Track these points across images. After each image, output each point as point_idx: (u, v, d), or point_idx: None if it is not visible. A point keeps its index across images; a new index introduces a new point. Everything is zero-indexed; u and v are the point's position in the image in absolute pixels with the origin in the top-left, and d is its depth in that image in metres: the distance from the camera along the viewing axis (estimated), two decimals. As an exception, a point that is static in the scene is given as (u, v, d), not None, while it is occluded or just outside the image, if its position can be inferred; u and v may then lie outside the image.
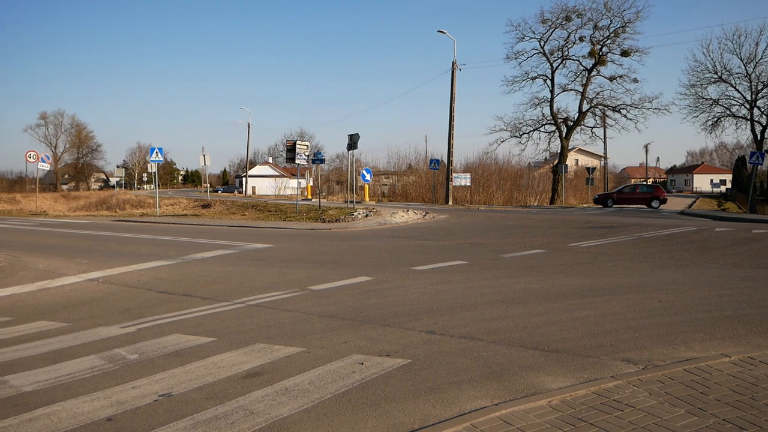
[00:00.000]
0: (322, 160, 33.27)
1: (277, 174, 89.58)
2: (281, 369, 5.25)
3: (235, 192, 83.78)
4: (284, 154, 30.68)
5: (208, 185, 58.39)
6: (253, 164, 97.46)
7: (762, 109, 47.39)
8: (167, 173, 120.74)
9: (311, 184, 52.10)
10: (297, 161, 26.08)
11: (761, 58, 46.37)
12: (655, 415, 4.03)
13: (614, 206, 34.86)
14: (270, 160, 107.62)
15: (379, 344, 5.98)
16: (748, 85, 46.96)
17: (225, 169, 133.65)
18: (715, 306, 7.62)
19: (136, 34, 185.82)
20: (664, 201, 35.91)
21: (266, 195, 66.98)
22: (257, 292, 8.77)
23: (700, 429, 3.80)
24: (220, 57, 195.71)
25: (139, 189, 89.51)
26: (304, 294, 8.60)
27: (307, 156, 27.41)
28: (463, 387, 4.76)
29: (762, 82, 46.41)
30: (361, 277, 9.87)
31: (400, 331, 6.50)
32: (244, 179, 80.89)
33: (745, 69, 46.90)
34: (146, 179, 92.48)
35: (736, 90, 47.81)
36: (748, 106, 47.63)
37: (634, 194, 36.43)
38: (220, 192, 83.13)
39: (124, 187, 79.35)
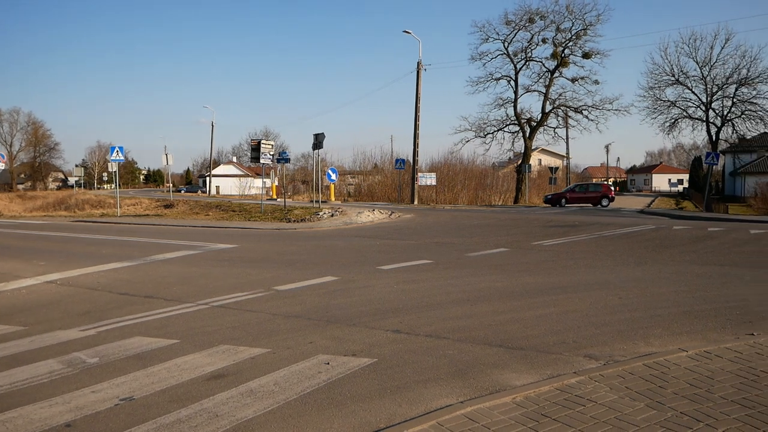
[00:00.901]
0: (288, 160, 33.06)
1: (242, 173, 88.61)
2: (246, 370, 5.20)
3: (199, 192, 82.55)
4: (249, 154, 30.32)
5: (171, 185, 57.40)
6: (217, 164, 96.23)
7: (717, 111, 48.87)
8: (128, 173, 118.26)
9: (276, 183, 51.73)
10: (262, 161, 25.84)
11: (716, 62, 47.85)
12: (615, 410, 4.11)
13: (567, 205, 35.66)
14: (234, 159, 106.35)
15: (345, 344, 5.97)
16: (704, 87, 48.40)
17: (188, 169, 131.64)
18: (672, 302, 7.83)
19: (95, 31, 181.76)
20: (612, 199, 37.81)
21: (231, 195, 66.18)
22: (222, 293, 8.66)
23: (658, 422, 3.90)
24: (184, 54, 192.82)
25: (99, 189, 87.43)
26: (270, 294, 8.53)
27: (272, 155, 27.18)
28: (429, 385, 4.79)
29: (716, 85, 47.88)
30: (326, 276, 9.84)
31: (366, 330, 6.50)
32: (207, 179, 79.79)
33: (701, 72, 48.32)
34: (107, 179, 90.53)
35: (692, 92, 49.24)
36: (703, 108, 49.06)
37: (586, 193, 37.41)
38: (183, 192, 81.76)
39: (84, 186, 77.33)
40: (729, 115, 48.31)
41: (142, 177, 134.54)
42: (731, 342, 5.79)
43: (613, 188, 41.35)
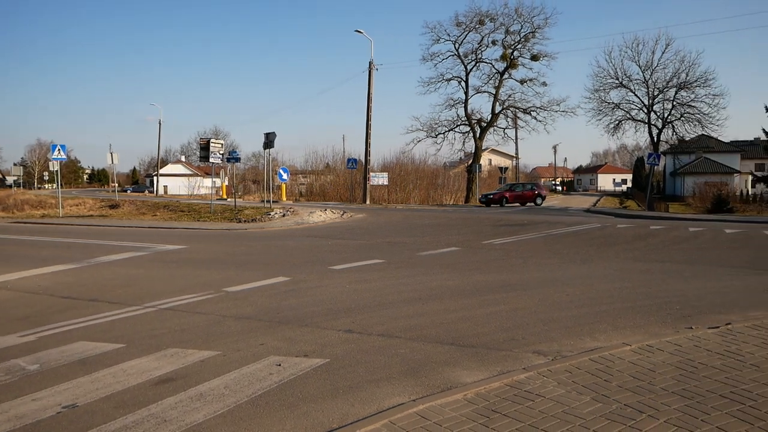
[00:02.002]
0: (238, 159, 32.58)
1: (191, 173, 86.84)
2: (195, 374, 5.10)
3: (146, 192, 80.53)
4: (198, 153, 29.76)
5: (116, 185, 55.82)
6: (164, 163, 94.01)
7: (658, 114, 50.69)
8: (71, 172, 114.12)
9: (226, 183, 50.90)
10: (211, 160, 25.39)
11: (657, 66, 49.63)
12: (563, 404, 4.21)
13: (506, 204, 36.24)
14: (183, 158, 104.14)
15: (297, 345, 5.93)
16: (646, 90, 50.12)
17: (135, 168, 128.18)
18: (617, 298, 8.08)
19: (35, 24, 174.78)
20: (543, 198, 39.78)
21: (179, 195, 64.78)
22: (169, 295, 8.47)
23: (603, 414, 4.01)
24: (129, 51, 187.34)
25: (39, 188, 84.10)
26: (219, 296, 8.39)
27: (222, 154, 26.74)
28: (381, 384, 4.80)
29: (658, 89, 49.66)
30: (278, 277, 9.75)
31: (318, 330, 6.46)
32: (155, 178, 77.90)
33: (643, 76, 50.04)
34: (47, 178, 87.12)
35: (635, 95, 50.92)
36: (645, 111, 50.79)
37: (523, 192, 38.24)
38: (129, 192, 79.58)
39: (23, 186, 74.25)
40: (669, 117, 50.18)
41: (85, 176, 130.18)
42: (671, 335, 6.01)
43: (556, 187, 42.66)
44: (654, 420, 3.90)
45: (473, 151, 48.51)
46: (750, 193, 51.14)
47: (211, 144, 25.30)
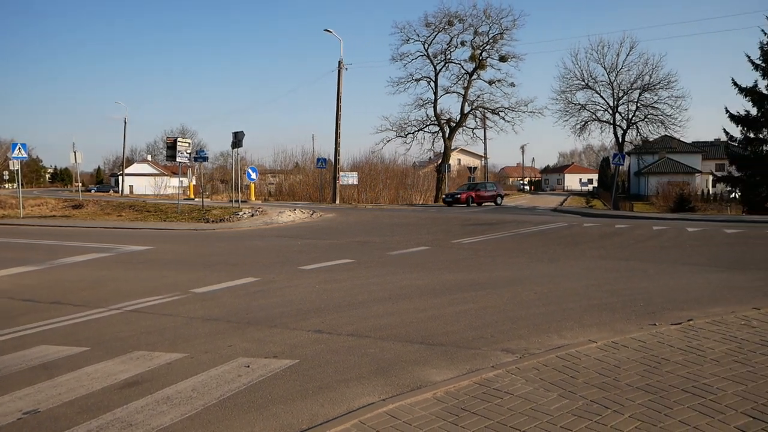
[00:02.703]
0: (205, 158, 32.18)
1: (157, 172, 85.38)
2: (162, 376, 5.02)
3: (111, 191, 79.00)
4: (165, 152, 29.32)
5: (80, 184, 54.52)
6: (130, 162, 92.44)
7: (623, 115, 51.70)
8: (32, 171, 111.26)
9: (194, 183, 50.23)
10: (178, 159, 25.03)
11: (621, 68, 50.63)
12: (531, 401, 4.27)
13: (470, 204, 36.28)
14: (149, 157, 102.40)
15: (266, 346, 5.88)
16: (611, 92, 51.10)
17: (99, 167, 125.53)
18: (583, 296, 8.21)
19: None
20: (502, 197, 40.79)
21: (145, 194, 63.70)
22: (135, 296, 8.32)
23: (570, 411, 4.08)
24: (91, 48, 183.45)
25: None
26: (187, 297, 8.27)
27: (189, 154, 26.39)
28: (351, 384, 4.80)
29: (622, 90, 50.67)
30: (246, 278, 9.66)
31: (287, 331, 6.43)
32: (120, 178, 76.52)
33: (608, 77, 51.00)
34: (8, 178, 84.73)
35: (601, 96, 51.88)
36: (611, 112, 51.78)
37: (486, 192, 38.46)
38: (93, 191, 77.94)
39: (-18, 186, 72.26)
40: (633, 118, 51.23)
41: (48, 176, 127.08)
42: (636, 332, 6.13)
43: (524, 186, 43.06)
44: (619, 415, 3.98)
45: (442, 151, 48.77)
46: (710, 192, 52.57)
47: (178, 143, 24.94)
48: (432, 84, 48.23)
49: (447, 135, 48.09)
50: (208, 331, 6.47)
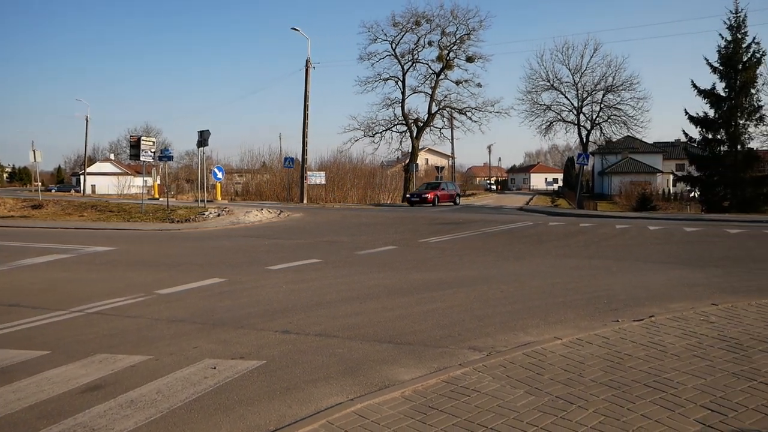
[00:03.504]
0: (170, 158, 31.73)
1: (121, 172, 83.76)
2: (126, 380, 4.92)
3: (72, 191, 77.11)
4: (128, 151, 28.76)
5: (40, 184, 53.08)
6: (92, 161, 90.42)
7: (587, 115, 52.50)
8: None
9: (159, 182, 49.43)
10: (142, 158, 24.56)
11: (585, 70, 51.44)
12: (498, 398, 4.31)
13: (433, 204, 35.63)
14: (112, 156, 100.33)
15: (233, 347, 5.82)
16: (575, 93, 51.82)
17: (60, 167, 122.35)
18: (548, 294, 8.33)
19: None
20: (460, 197, 41.54)
21: (108, 194, 62.39)
22: (98, 298, 8.13)
23: (536, 407, 4.13)
24: (52, 45, 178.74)
25: (-47, 188, 79.25)
26: (151, 298, 8.13)
27: (154, 152, 25.91)
28: (319, 385, 4.78)
29: (586, 91, 51.44)
30: (212, 278, 9.54)
31: (254, 332, 6.37)
32: (82, 177, 74.84)
33: (573, 78, 51.70)
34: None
35: (566, 97, 52.57)
36: (575, 112, 52.51)
37: (448, 192, 38.43)
38: (54, 191, 75.97)
39: (-65, 186, 69.83)
40: (597, 119, 52.08)
41: (5, 175, 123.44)
42: (600, 329, 6.25)
43: (491, 186, 43.30)
44: (583, 410, 4.05)
45: (410, 151, 48.90)
46: (671, 191, 53.87)
47: (142, 142, 24.47)
48: (400, 84, 48.32)
49: (415, 135, 48.22)
50: (173, 333, 6.37)
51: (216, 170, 31.97)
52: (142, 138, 24.89)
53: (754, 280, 9.52)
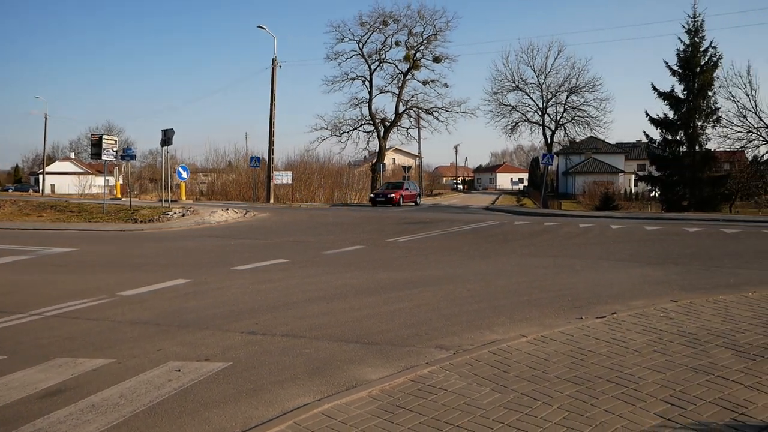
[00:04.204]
0: (133, 157, 31.11)
1: (82, 171, 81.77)
2: (87, 384, 4.81)
3: (30, 191, 75.05)
4: (89, 149, 28.13)
5: (-4, 183, 51.53)
6: (52, 160, 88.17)
7: (551, 116, 53.48)
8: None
9: (121, 182, 48.47)
10: (104, 157, 24.07)
11: (550, 71, 52.33)
12: (464, 396, 4.35)
13: (397, 204, 34.89)
14: (72, 155, 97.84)
15: (198, 349, 5.74)
16: (540, 94, 52.78)
17: (17, 165, 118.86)
18: (514, 292, 8.43)
19: None
20: (420, 197, 41.48)
21: (69, 194, 60.91)
22: (57, 301, 7.93)
23: (502, 404, 4.18)
24: (7, 39, 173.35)
25: None
26: (114, 300, 7.96)
27: (116, 151, 25.41)
28: (286, 385, 4.75)
29: (551, 92, 52.42)
30: (177, 279, 9.39)
31: (219, 333, 6.29)
32: (41, 176, 72.95)
33: (538, 80, 52.62)
34: None
35: (531, 98, 53.45)
36: (540, 113, 53.44)
37: (411, 192, 38.25)
38: (10, 191, 73.90)
39: None
40: (561, 119, 53.10)
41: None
42: (564, 326, 6.35)
43: (458, 186, 43.16)
44: (548, 407, 4.11)
45: (377, 151, 48.98)
46: (633, 191, 55.05)
47: (104, 140, 23.98)
48: (367, 83, 48.40)
49: (382, 134, 48.33)
50: (137, 335, 6.25)
51: (180, 169, 31.48)
52: (104, 136, 24.40)
53: (711, 277, 9.80)
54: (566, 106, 52.34)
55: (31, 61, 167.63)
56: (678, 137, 35.44)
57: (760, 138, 34.82)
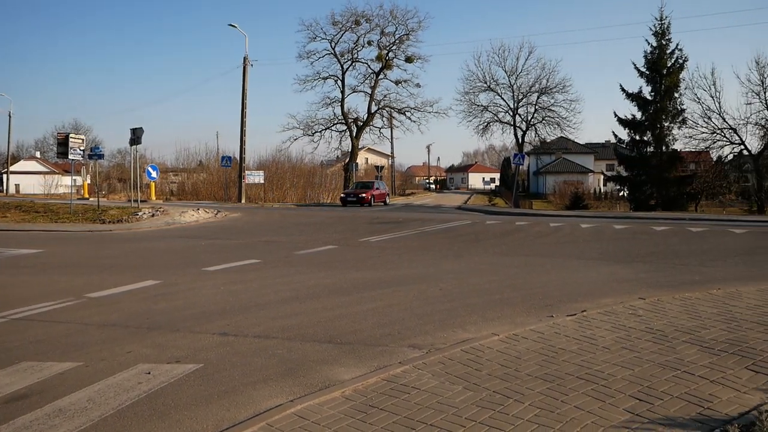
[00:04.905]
0: (101, 156, 30.55)
1: (48, 171, 79.96)
2: (54, 388, 4.71)
3: (-6, 191, 73.26)
4: (55, 149, 27.53)
5: (-43, 183, 50.14)
6: (16, 159, 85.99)
7: (522, 116, 54.04)
8: None
9: (89, 181, 47.59)
10: (71, 156, 23.57)
11: (521, 72, 52.87)
12: (437, 394, 4.37)
13: (365, 204, 34.36)
14: (38, 154, 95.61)
15: (168, 351, 5.67)
16: (512, 94, 53.27)
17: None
18: (486, 291, 8.50)
19: None
20: (389, 196, 41.60)
21: (34, 194, 59.47)
22: (23, 303, 7.74)
23: (475, 402, 4.21)
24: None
25: None
26: (81, 302, 7.81)
27: (83, 151, 24.91)
28: (258, 387, 4.71)
29: (522, 93, 52.97)
30: (147, 280, 9.25)
31: (190, 335, 6.22)
32: (5, 176, 71.21)
33: (509, 80, 53.09)
34: None
35: (502, 98, 53.92)
36: (511, 113, 53.95)
37: (381, 191, 38.16)
38: (-28, 191, 71.97)
39: None
40: (532, 120, 53.70)
41: None
42: (535, 324, 6.42)
43: (430, 185, 43.14)
44: (520, 404, 4.15)
45: (350, 150, 48.92)
46: (602, 191, 55.95)
47: (71, 139, 23.48)
48: (339, 83, 48.29)
49: (354, 134, 48.27)
50: (105, 338, 6.14)
51: (150, 169, 31.04)
52: (71, 135, 23.89)
53: (678, 275, 10.01)
54: (537, 107, 53.00)
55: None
56: (645, 138, 36.11)
57: (724, 139, 35.74)
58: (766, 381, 4.56)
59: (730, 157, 37.77)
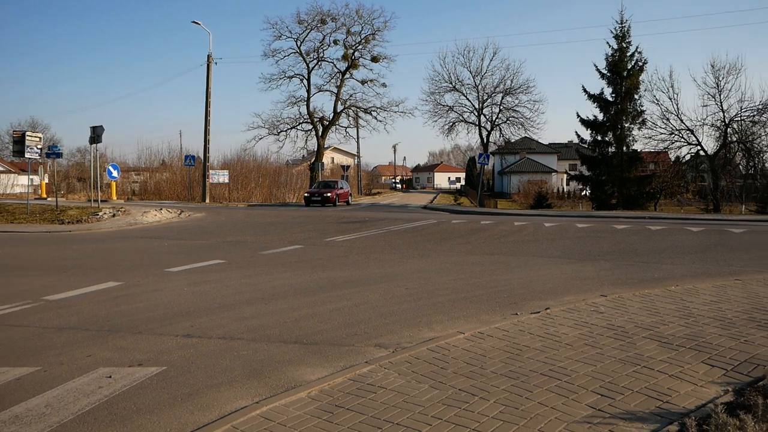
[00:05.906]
0: (59, 155, 29.72)
1: (3, 170, 77.56)
2: (9, 394, 4.57)
3: (-55, 191, 70.61)
4: (11, 147, 26.73)
5: None
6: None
7: (487, 117, 54.43)
8: None
9: (47, 181, 46.33)
10: (27, 155, 22.89)
11: (486, 72, 53.31)
12: (403, 393, 4.38)
13: (327, 204, 34.00)
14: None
15: (130, 354, 5.55)
16: (476, 95, 53.60)
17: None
18: (452, 290, 8.56)
19: None
20: (352, 196, 41.36)
21: (-12, 194, 57.62)
22: (-23, 307, 7.50)
23: (441, 400, 4.24)
24: None
25: None
26: (39, 305, 7.60)
27: (41, 149, 24.23)
28: (223, 389, 4.65)
29: (487, 93, 53.34)
30: (107, 282, 9.05)
31: (153, 337, 6.11)
32: (-43, 176, 68.71)
33: (474, 81, 53.43)
34: None
35: (467, 99, 54.25)
36: (476, 114, 54.31)
37: (344, 190, 37.96)
38: None
39: None
40: (497, 120, 54.11)
41: None
42: (500, 322, 6.49)
43: (397, 185, 43.17)
44: (485, 401, 4.19)
45: (316, 150, 48.69)
46: (565, 190, 56.90)
47: (27, 137, 22.81)
48: (305, 82, 48.01)
49: (320, 133, 48.07)
50: (64, 342, 5.99)
51: (111, 168, 30.38)
52: (27, 133, 23.21)
53: (638, 272, 10.24)
54: (501, 107, 53.45)
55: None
56: (607, 138, 36.90)
57: (682, 140, 36.71)
58: (722, 374, 4.70)
59: (688, 157, 38.90)
